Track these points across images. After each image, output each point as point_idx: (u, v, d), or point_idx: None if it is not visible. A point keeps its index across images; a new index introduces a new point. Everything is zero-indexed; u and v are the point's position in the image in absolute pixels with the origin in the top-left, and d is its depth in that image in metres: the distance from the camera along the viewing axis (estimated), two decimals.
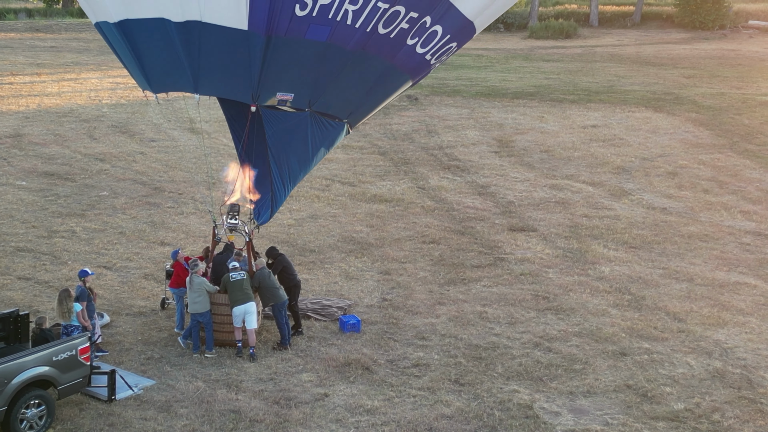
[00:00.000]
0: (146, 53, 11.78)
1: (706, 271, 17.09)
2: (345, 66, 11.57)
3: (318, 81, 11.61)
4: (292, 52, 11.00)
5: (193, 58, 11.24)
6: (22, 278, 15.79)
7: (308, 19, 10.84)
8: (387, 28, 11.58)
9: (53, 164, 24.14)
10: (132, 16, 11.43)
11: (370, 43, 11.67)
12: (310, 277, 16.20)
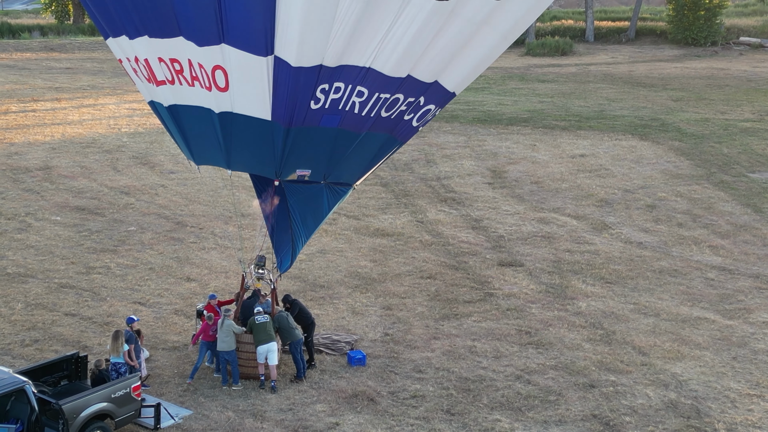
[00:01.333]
0: (190, 133, 13.96)
1: (671, 306, 19.25)
2: (354, 145, 13.76)
3: (331, 159, 13.80)
4: (308, 138, 13.17)
5: (227, 141, 13.41)
6: (69, 314, 17.96)
7: (321, 111, 13.01)
8: (388, 112, 13.76)
9: (83, 198, 26.34)
10: (179, 103, 13.60)
11: (375, 125, 13.85)
12: (320, 312, 18.36)
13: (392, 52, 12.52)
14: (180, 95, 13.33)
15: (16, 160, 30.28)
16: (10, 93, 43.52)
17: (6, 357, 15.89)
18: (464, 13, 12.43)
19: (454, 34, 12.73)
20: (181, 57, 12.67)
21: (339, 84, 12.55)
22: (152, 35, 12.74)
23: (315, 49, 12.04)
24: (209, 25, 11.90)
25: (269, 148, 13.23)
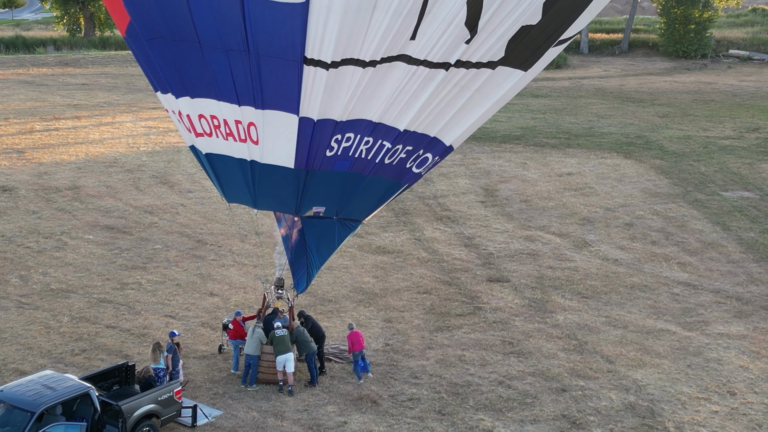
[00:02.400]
0: (223, 178, 16.51)
1: (638, 318, 21.82)
2: (362, 187, 16.31)
3: (342, 198, 16.36)
4: (324, 180, 15.72)
5: (255, 185, 15.95)
6: (109, 326, 20.54)
7: (335, 157, 15.56)
8: (391, 159, 16.32)
9: (111, 217, 28.92)
10: (215, 151, 16.13)
11: (380, 170, 16.41)
12: (329, 325, 20.91)
13: (397, 111, 15.07)
14: (216, 146, 15.85)
15: (47, 180, 32.88)
16: (32, 111, 46.14)
17: (60, 365, 18.45)
18: (461, 82, 14.96)
19: (452, 98, 15.27)
20: (219, 115, 15.17)
21: (350, 134, 15.10)
22: (194, 95, 15.23)
23: (334, 109, 14.58)
24: (247, 90, 14.38)
25: (290, 190, 15.79)
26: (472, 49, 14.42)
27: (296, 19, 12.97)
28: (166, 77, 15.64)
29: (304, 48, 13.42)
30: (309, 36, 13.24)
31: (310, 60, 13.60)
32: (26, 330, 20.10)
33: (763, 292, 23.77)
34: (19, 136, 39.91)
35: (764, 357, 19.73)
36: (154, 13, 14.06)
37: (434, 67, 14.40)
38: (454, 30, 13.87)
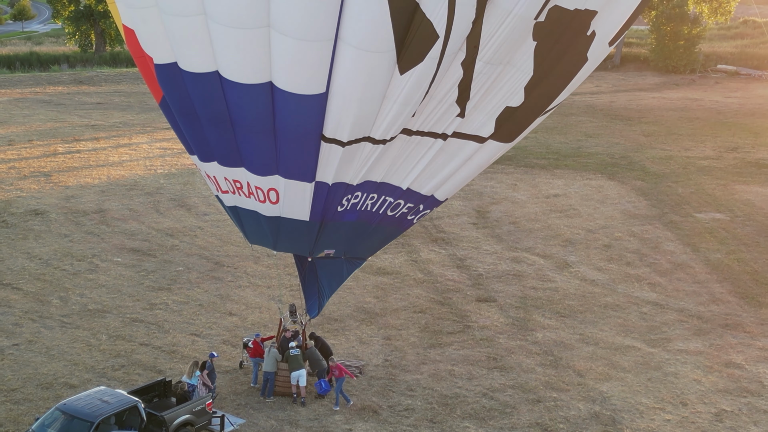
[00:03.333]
0: (246, 226, 19.32)
1: (609, 336, 24.67)
2: (367, 233, 19.16)
3: (350, 242, 19.21)
4: (334, 229, 18.55)
5: (274, 234, 18.75)
6: (143, 344, 23.40)
7: (344, 211, 18.38)
8: (393, 212, 19.17)
9: (136, 240, 31.79)
10: (239, 205, 18.95)
11: (383, 221, 19.25)
12: (335, 342, 23.76)
13: (400, 173, 17.87)
14: (239, 201, 18.67)
15: (74, 204, 35.76)
16: (53, 132, 49.05)
17: (103, 379, 21.31)
18: (454, 150, 17.78)
19: (446, 162, 18.10)
20: (242, 180, 17.98)
21: (358, 192, 17.93)
22: (221, 163, 18.05)
23: (346, 175, 17.39)
24: (269, 163, 17.16)
25: (305, 237, 18.63)
26: (465, 123, 17.20)
27: (317, 107, 15.72)
28: (195, 146, 18.41)
29: (322, 128, 16.20)
30: (327, 120, 15.99)
31: (327, 138, 16.39)
32: (71, 347, 22.97)
33: (722, 311, 26.62)
34: (44, 159, 42.79)
35: (716, 371, 22.59)
36: (188, 94, 16.83)
37: (432, 137, 17.20)
38: (449, 108, 16.64)
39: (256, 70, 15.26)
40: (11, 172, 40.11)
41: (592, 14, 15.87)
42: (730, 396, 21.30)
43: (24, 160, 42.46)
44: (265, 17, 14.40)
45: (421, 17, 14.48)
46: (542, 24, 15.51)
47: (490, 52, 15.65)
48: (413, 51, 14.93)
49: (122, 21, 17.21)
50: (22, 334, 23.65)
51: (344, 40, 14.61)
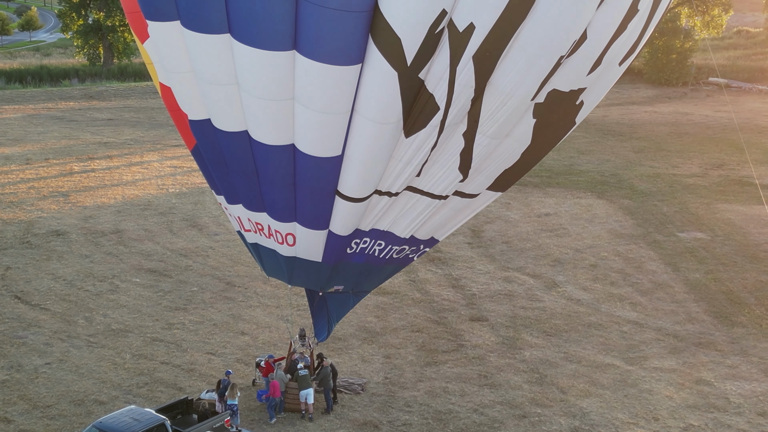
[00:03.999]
0: (265, 261, 21.46)
1: (591, 354, 26.83)
2: (373, 272, 21.34)
3: (357, 279, 21.39)
4: (344, 269, 20.69)
5: (290, 270, 20.87)
6: (164, 363, 25.57)
7: (353, 254, 20.52)
8: (398, 255, 21.33)
9: (152, 261, 33.98)
10: (260, 243, 21.09)
11: (388, 262, 21.43)
12: (339, 360, 25.92)
13: (404, 224, 20.01)
14: (260, 240, 20.83)
15: (93, 224, 37.95)
16: (68, 150, 51.25)
17: (129, 396, 23.50)
18: (455, 206, 19.95)
19: (448, 215, 20.28)
20: (263, 223, 20.12)
21: (366, 239, 20.09)
22: (246, 207, 20.19)
23: (356, 224, 19.53)
24: (288, 212, 19.27)
25: (317, 276, 20.82)
26: (465, 185, 19.34)
27: (333, 168, 17.84)
28: (224, 190, 20.51)
29: (337, 185, 18.36)
30: (341, 178, 18.14)
31: (341, 194, 18.54)
32: (98, 366, 25.15)
33: (697, 330, 28.79)
34: (61, 179, 44.99)
35: (687, 388, 24.76)
36: (220, 148, 18.94)
37: (435, 198, 19.37)
38: (451, 173, 18.77)
39: (280, 134, 17.40)
40: (31, 192, 42.33)
41: (582, 89, 17.97)
42: (698, 411, 23.46)
43: (42, 180, 44.67)
44: (290, 91, 16.52)
45: (425, 92, 16.61)
46: (540, 104, 17.61)
47: (492, 129, 17.67)
48: (417, 119, 17.05)
49: (159, 79, 19.32)
50: (53, 353, 25.84)
51: (359, 113, 16.74)
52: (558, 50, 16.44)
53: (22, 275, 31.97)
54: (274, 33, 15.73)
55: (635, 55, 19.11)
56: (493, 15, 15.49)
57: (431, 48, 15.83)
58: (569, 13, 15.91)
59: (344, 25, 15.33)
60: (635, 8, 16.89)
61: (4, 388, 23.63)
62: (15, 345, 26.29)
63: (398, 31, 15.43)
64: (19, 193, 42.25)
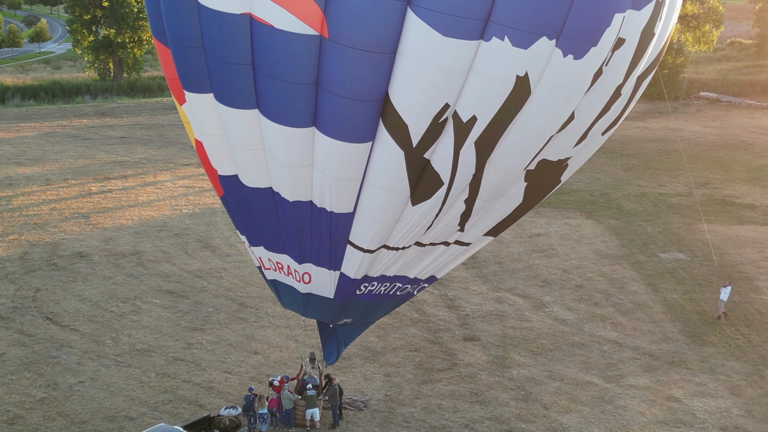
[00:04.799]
0: (283, 295, 24.06)
1: (573, 372, 29.49)
2: (379, 308, 24.01)
3: (364, 314, 24.02)
4: (352, 306, 23.31)
5: (305, 305, 23.46)
6: (185, 381, 28.25)
7: (362, 294, 23.13)
8: (401, 293, 23.98)
9: (170, 282, 36.67)
10: (278, 279, 23.74)
11: (393, 298, 24.09)
12: (344, 378, 28.59)
13: (409, 269, 22.63)
14: (279, 276, 23.50)
15: (113, 246, 40.67)
16: (85, 170, 53.96)
17: (155, 413, 26.19)
18: (455, 252, 22.61)
19: (448, 260, 22.95)
20: (283, 263, 22.76)
21: (374, 282, 22.74)
22: (267, 248, 22.84)
23: (365, 270, 22.20)
24: (305, 254, 21.89)
25: (329, 310, 23.49)
26: (463, 236, 21.98)
27: (346, 222, 20.41)
28: (248, 234, 23.10)
29: (349, 236, 21.01)
30: (353, 231, 20.78)
31: (353, 244, 21.20)
32: (126, 384, 27.85)
33: (671, 349, 31.45)
34: (80, 200, 47.73)
35: (658, 404, 27.43)
36: (246, 200, 21.46)
37: (437, 245, 22.03)
38: (452, 229, 21.37)
39: (300, 192, 20.04)
40: (53, 214, 45.06)
41: (569, 157, 20.58)
42: (666, 426, 26.13)
43: (63, 201, 47.39)
44: (309, 160, 19.15)
45: (431, 169, 19.23)
46: (532, 171, 20.25)
47: (489, 193, 20.26)
48: (423, 191, 19.65)
49: (194, 135, 21.96)
50: (85, 372, 28.54)
51: (370, 181, 19.36)
52: (549, 131, 19.02)
53: (52, 297, 34.69)
54: (297, 113, 18.35)
55: (617, 126, 21.72)
56: (494, 108, 17.96)
57: (436, 133, 18.41)
58: (560, 101, 18.36)
59: (358, 110, 17.93)
60: (618, 93, 19.41)
61: (43, 405, 26.35)
62: (50, 364, 29.00)
63: (405, 119, 18.03)
64: (43, 215, 44.98)
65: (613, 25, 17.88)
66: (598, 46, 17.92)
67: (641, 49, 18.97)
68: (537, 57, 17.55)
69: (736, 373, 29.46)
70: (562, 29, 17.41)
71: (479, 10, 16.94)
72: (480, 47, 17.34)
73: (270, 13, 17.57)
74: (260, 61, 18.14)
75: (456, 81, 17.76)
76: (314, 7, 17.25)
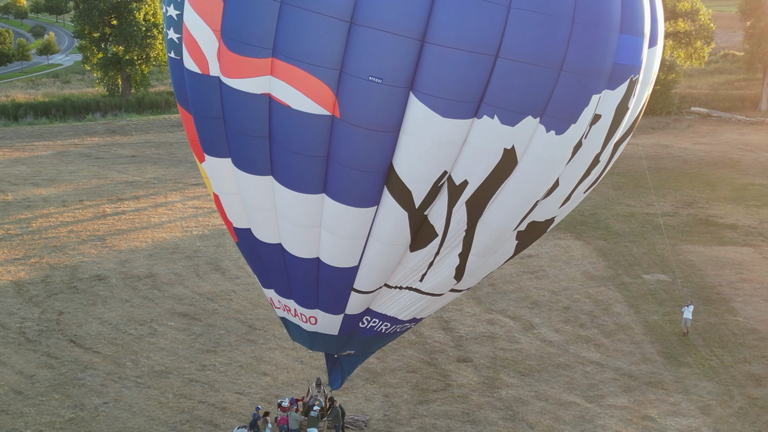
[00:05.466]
0: (291, 330, 26.33)
1: (557, 393, 32.00)
2: (379, 341, 26.48)
3: (365, 346, 26.50)
4: (355, 339, 25.75)
5: (312, 340, 25.80)
6: (201, 402, 30.79)
7: (364, 329, 25.50)
8: (400, 329, 26.44)
9: (183, 305, 39.22)
10: (287, 318, 25.94)
11: (393, 334, 26.55)
12: (346, 399, 31.13)
13: (408, 311, 25.07)
14: (288, 316, 25.97)
15: (129, 269, 43.23)
16: (98, 191, 56.54)
17: None
18: (449, 298, 25.13)
19: (439, 304, 25.41)
20: (291, 307, 25.24)
21: (375, 320, 25.19)
22: (277, 293, 25.31)
23: (367, 304, 24.60)
24: (312, 301, 24.37)
25: (335, 344, 25.98)
26: (458, 285, 24.46)
27: (350, 274, 22.87)
28: (260, 277, 25.47)
29: (353, 285, 23.52)
30: (357, 280, 23.25)
31: (355, 290, 23.72)
32: (147, 405, 30.40)
33: (649, 370, 33.96)
34: (96, 222, 50.30)
35: (634, 423, 29.95)
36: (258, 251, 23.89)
37: (434, 296, 24.56)
38: (448, 280, 23.86)
39: (308, 249, 22.53)
40: (71, 236, 47.63)
41: (555, 217, 23.04)
42: None
43: (80, 223, 49.97)
44: (318, 221, 21.58)
45: (428, 223, 21.62)
46: (522, 231, 22.74)
47: (482, 250, 22.66)
48: (420, 240, 22.12)
49: (212, 189, 24.46)
50: (108, 393, 31.10)
51: (374, 237, 21.78)
52: (535, 197, 21.47)
53: (74, 320, 37.26)
54: (308, 182, 20.80)
55: (597, 184, 24.18)
56: (484, 174, 20.37)
57: (434, 194, 20.96)
58: (544, 171, 20.76)
59: (365, 180, 20.40)
60: (597, 160, 21.81)
61: (72, 425, 28.91)
62: (76, 386, 31.56)
63: (409, 185, 20.49)
64: (61, 237, 47.55)
65: (591, 104, 20.28)
66: (577, 123, 20.30)
67: (616, 122, 21.36)
68: (523, 133, 20.00)
69: (708, 393, 31.99)
70: (545, 109, 19.84)
71: (473, 94, 19.38)
72: (473, 124, 19.78)
73: (288, 95, 20.03)
74: (277, 136, 20.64)
75: (453, 151, 20.23)
76: (327, 91, 19.71)
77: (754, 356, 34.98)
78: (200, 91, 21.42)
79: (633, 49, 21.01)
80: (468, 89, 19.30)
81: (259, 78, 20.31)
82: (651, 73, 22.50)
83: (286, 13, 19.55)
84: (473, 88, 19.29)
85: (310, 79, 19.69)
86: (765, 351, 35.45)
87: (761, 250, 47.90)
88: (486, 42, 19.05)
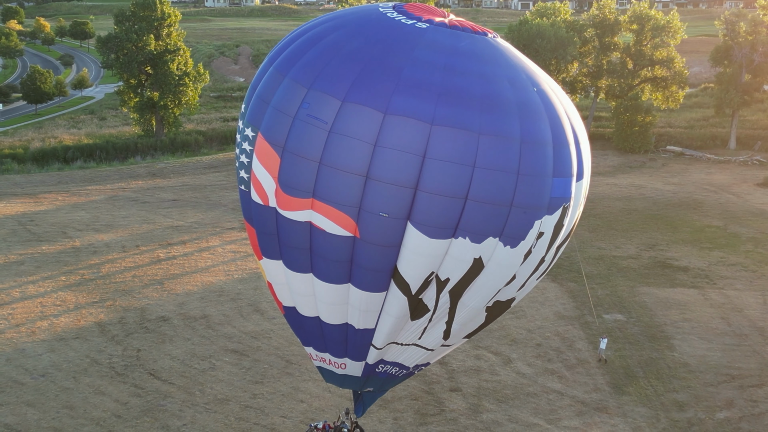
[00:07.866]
0: (326, 374, 35.93)
1: (526, 416, 41.86)
2: (392, 382, 36.36)
3: (381, 384, 36.30)
4: (373, 380, 35.52)
5: (341, 381, 35.54)
6: (256, 424, 40.72)
7: (380, 373, 35.21)
8: (407, 372, 36.36)
9: (233, 342, 49.24)
10: (323, 366, 36.20)
11: (402, 376, 36.45)
12: (364, 422, 41.05)
13: (414, 359, 35.01)
14: (324, 365, 35.90)
15: (186, 310, 53.32)
16: (150, 236, 66.68)
17: None
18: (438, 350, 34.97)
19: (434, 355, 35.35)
20: (326, 358, 35.18)
21: (387, 366, 35.09)
22: (315, 349, 35.22)
23: (381, 356, 34.57)
24: (341, 353, 34.22)
25: (358, 383, 35.88)
26: (447, 342, 34.39)
27: (370, 334, 32.87)
28: (300, 339, 35.36)
29: (371, 341, 33.45)
30: (374, 338, 33.09)
31: (374, 346, 33.57)
32: (215, 426, 40.37)
33: (598, 397, 43.88)
34: (153, 267, 60.45)
35: None
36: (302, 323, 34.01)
37: (430, 350, 34.47)
38: (438, 339, 33.55)
39: (339, 317, 32.41)
40: (135, 281, 57.79)
41: (515, 297, 32.83)
42: None
43: (140, 268, 60.12)
44: (345, 301, 31.45)
45: (422, 303, 31.48)
46: (490, 307, 32.64)
47: (460, 320, 32.51)
48: (417, 313, 31.96)
49: (267, 278, 34.50)
50: (185, 417, 41.15)
51: (385, 311, 31.39)
52: (498, 287, 31.29)
53: (150, 356, 47.37)
54: (338, 276, 30.75)
55: (545, 273, 34.06)
56: (460, 274, 29.97)
57: (426, 286, 30.93)
58: (504, 272, 30.27)
59: (377, 276, 30.36)
60: (542, 260, 31.56)
61: None
62: (160, 411, 41.65)
63: (408, 280, 30.36)
64: (127, 282, 57.72)
65: (535, 226, 30.16)
66: (526, 239, 30.18)
67: (555, 235, 31.21)
68: (487, 248, 29.93)
69: (641, 416, 41.95)
70: (503, 232, 29.76)
71: (451, 223, 29.35)
72: (452, 242, 29.73)
73: (323, 223, 30.04)
74: (315, 248, 30.66)
75: (438, 260, 30.23)
76: (351, 221, 29.73)
77: (682, 386, 44.91)
78: (262, 215, 31.51)
79: (564, 187, 30.95)
80: (447, 221, 29.34)
81: (304, 211, 30.43)
82: (579, 198, 32.45)
83: (322, 171, 29.64)
84: (451, 220, 29.32)
85: (339, 214, 29.80)
86: (691, 382, 45.39)
87: (704, 292, 57.80)
88: (459, 190, 29.04)
